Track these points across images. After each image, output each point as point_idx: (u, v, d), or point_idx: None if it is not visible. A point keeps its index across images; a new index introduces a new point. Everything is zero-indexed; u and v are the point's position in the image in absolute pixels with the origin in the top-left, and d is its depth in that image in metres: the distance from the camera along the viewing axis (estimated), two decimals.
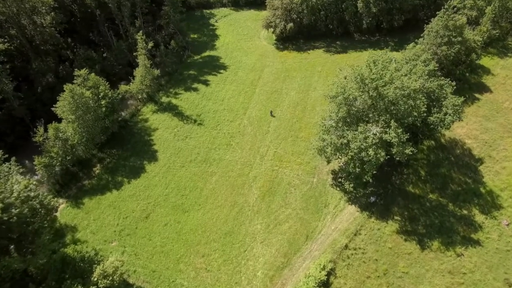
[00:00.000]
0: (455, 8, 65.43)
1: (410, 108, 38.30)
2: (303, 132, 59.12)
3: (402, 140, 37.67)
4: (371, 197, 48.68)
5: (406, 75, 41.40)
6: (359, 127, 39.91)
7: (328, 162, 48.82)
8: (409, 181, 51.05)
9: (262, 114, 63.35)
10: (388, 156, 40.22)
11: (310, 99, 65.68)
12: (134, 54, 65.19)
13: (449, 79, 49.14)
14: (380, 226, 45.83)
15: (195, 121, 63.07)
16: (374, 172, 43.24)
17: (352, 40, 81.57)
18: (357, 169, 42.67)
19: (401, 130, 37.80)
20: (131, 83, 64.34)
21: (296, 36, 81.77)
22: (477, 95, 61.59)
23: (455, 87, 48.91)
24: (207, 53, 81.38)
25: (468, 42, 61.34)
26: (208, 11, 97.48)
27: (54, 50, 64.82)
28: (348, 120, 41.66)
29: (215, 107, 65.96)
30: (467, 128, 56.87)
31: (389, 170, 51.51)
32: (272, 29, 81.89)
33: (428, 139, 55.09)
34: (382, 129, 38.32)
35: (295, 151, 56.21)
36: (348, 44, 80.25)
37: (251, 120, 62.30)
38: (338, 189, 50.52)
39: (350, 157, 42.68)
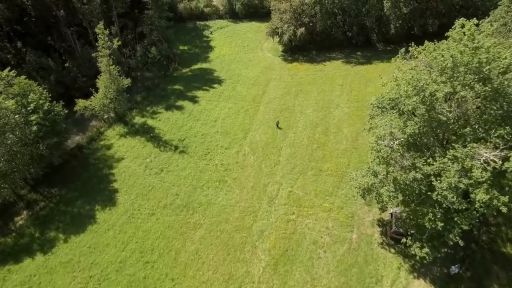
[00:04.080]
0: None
1: None
2: (328, 163, 41.54)
3: None
4: (452, 267, 30.12)
5: None
6: (450, 151, 22.46)
7: (383, 210, 30.89)
8: (503, 237, 32.93)
9: (269, 139, 46.16)
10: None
11: (333, 119, 48.84)
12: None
13: None
14: None
15: (176, 147, 45.64)
16: (466, 228, 25.35)
17: (376, 50, 66.59)
18: (440, 223, 24.59)
19: None
20: (92, 97, 47.61)
21: (307, 46, 66.85)
22: None
23: None
24: (198, 66, 65.84)
25: None
26: (202, 22, 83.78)
27: None
28: (425, 140, 24.32)
29: (205, 129, 48.88)
30: None
31: None
32: (278, 38, 67.12)
33: None
34: (500, 152, 20.90)
35: (319, 190, 38.30)
36: (371, 54, 65.15)
37: (254, 147, 45.01)
38: (392, 250, 32.15)
39: (429, 202, 24.93)
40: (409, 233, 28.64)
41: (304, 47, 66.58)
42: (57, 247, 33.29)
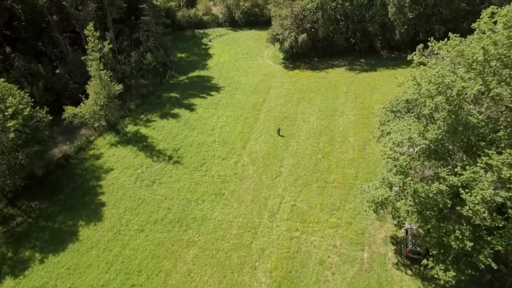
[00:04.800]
0: None
1: None
2: (334, 174, 38.28)
3: None
4: None
5: None
6: (481, 158, 19.31)
7: (400, 226, 27.53)
8: None
9: (269, 148, 43.04)
10: None
11: (338, 127, 45.85)
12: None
13: None
14: None
15: (170, 158, 42.47)
16: (501, 248, 22.02)
17: (380, 57, 64.22)
18: (469, 243, 21.19)
19: None
20: (81, 104, 44.74)
21: (308, 53, 64.50)
22: None
23: None
24: (195, 73, 63.32)
25: None
26: (201, 30, 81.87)
27: None
28: (450, 146, 21.22)
29: (201, 138, 45.81)
30: None
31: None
32: (278, 45, 64.90)
33: None
34: None
35: (325, 204, 34.92)
36: (376, 61, 62.74)
37: (253, 157, 41.85)
38: (409, 272, 28.59)
39: (453, 218, 21.63)
40: (430, 252, 25.12)
41: (306, 54, 64.23)
42: (31, 268, 29.63)
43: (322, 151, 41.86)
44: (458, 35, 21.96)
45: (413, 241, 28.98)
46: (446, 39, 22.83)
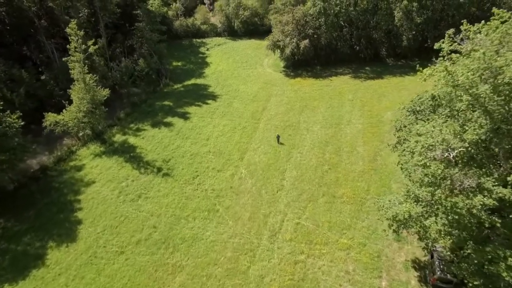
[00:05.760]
0: None
1: None
2: (343, 188, 33.82)
3: None
4: None
5: None
6: None
7: (429, 249, 22.93)
8: None
9: (270, 159, 38.76)
10: None
11: (345, 136, 41.72)
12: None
13: None
14: None
15: (159, 169, 38.12)
16: None
17: (385, 65, 60.88)
18: None
19: None
20: (64, 111, 40.84)
21: (311, 61, 61.27)
22: None
23: None
24: (191, 81, 59.85)
25: None
26: (198, 40, 79.22)
27: None
28: (496, 149, 17.01)
29: (195, 149, 41.61)
30: None
31: None
32: (279, 52, 61.70)
33: None
34: None
35: (334, 222, 30.29)
36: (382, 69, 59.33)
37: (252, 169, 37.51)
38: None
39: (498, 241, 17.15)
40: (469, 283, 20.32)
41: (308, 62, 60.97)
42: None
43: (329, 162, 37.55)
44: (506, 10, 18.32)
45: (442, 266, 24.27)
46: (482, 21, 19.11)
